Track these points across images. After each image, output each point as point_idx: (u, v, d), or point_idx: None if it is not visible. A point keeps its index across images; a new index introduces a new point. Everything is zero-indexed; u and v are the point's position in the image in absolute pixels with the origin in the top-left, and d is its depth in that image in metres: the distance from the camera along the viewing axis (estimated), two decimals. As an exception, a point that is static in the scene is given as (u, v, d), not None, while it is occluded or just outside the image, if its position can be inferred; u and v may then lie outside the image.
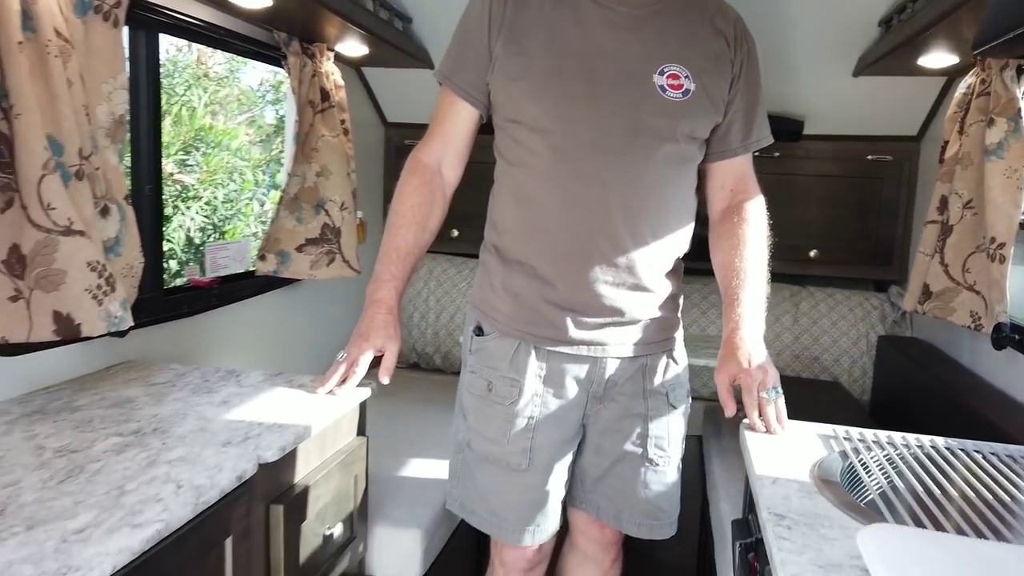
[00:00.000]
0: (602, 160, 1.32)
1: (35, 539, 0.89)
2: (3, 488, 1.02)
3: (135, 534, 0.92)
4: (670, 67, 1.33)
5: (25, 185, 1.26)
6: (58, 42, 1.30)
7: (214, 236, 4.04)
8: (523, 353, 1.40)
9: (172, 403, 1.43)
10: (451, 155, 1.46)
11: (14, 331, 1.29)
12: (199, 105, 3.97)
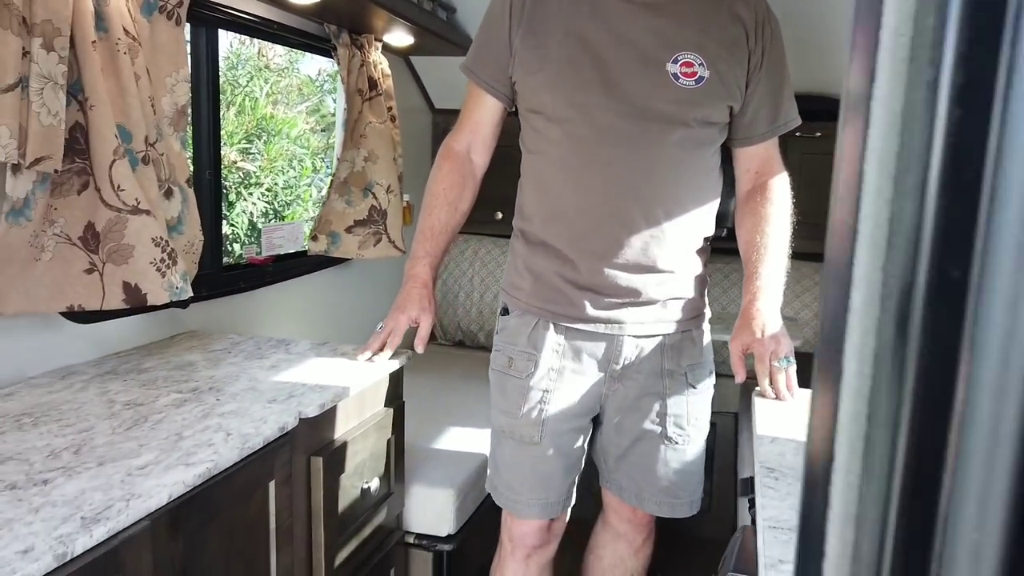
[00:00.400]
0: (615, 147, 1.36)
1: (104, 473, 1.04)
2: (79, 433, 1.18)
3: (189, 471, 1.06)
4: (684, 55, 1.35)
5: (98, 169, 1.42)
6: (127, 40, 1.45)
7: (274, 221, 4.24)
8: (541, 329, 1.46)
9: (227, 367, 1.58)
10: (479, 143, 1.55)
11: (89, 300, 1.45)
12: (261, 95, 4.18)
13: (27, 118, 1.29)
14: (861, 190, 0.28)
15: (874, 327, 0.28)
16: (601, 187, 1.38)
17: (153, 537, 0.98)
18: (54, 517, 0.91)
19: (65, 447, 1.12)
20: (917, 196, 0.27)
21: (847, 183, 0.28)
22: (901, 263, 0.27)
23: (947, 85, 0.26)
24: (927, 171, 0.27)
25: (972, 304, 0.26)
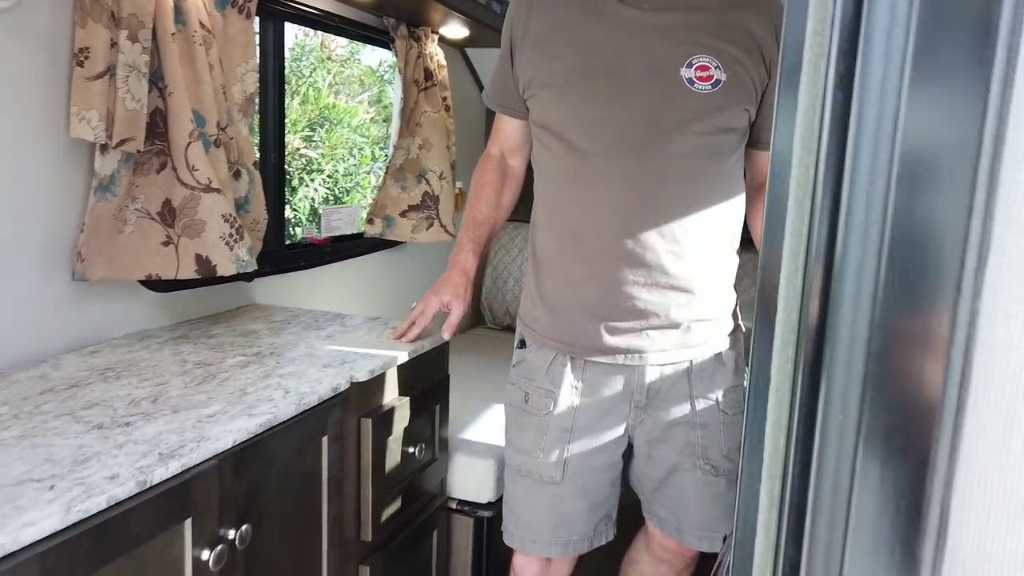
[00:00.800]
0: (626, 161, 1.30)
1: (178, 419, 1.17)
2: (156, 385, 1.31)
3: (251, 420, 1.18)
4: (699, 58, 1.28)
5: (175, 150, 1.55)
6: (202, 32, 1.58)
7: (335, 205, 4.41)
8: (559, 364, 1.40)
9: (287, 335, 1.70)
10: (510, 151, 1.57)
11: (165, 270, 1.59)
12: (323, 85, 4.35)
13: (114, 103, 1.43)
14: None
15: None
16: (612, 204, 1.31)
17: (219, 475, 1.10)
18: (135, 452, 1.04)
19: (144, 397, 1.25)
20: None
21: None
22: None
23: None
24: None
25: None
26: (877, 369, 0.31)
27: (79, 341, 1.53)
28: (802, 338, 0.37)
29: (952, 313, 0.32)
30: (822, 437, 0.32)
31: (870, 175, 0.37)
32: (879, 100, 0.36)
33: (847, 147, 0.39)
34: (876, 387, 0.31)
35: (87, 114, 1.40)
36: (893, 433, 0.30)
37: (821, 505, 0.31)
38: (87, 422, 1.14)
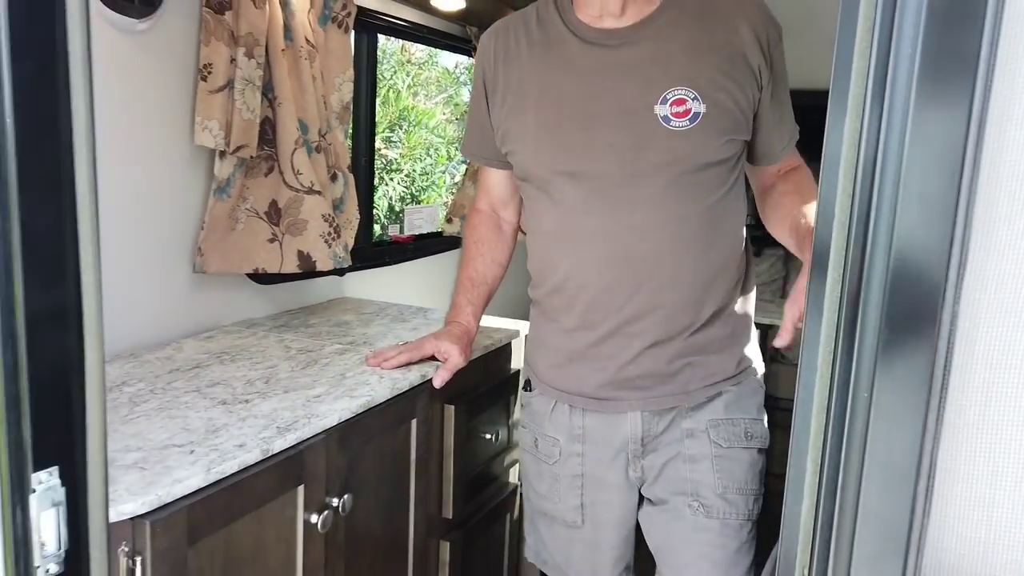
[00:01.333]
0: (604, 211, 1.23)
1: (289, 398, 1.31)
2: (267, 368, 1.47)
3: (352, 401, 1.32)
4: (675, 91, 1.19)
5: (282, 156, 1.71)
6: (307, 47, 1.73)
7: (411, 204, 4.59)
8: (559, 412, 1.36)
9: (376, 326, 1.85)
10: (500, 203, 1.50)
11: (270, 264, 1.75)
12: (403, 88, 4.52)
13: (231, 113, 1.59)
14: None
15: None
16: (594, 257, 1.25)
17: (327, 448, 1.24)
18: (256, 425, 1.18)
19: (257, 378, 1.41)
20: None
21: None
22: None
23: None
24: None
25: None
26: (885, 357, 0.40)
27: (196, 327, 1.71)
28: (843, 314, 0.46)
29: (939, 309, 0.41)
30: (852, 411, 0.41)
31: (894, 176, 0.45)
32: (897, 123, 0.45)
33: (877, 156, 0.47)
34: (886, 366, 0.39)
35: (209, 123, 1.57)
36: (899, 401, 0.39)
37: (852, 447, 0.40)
38: (212, 398, 1.29)
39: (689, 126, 1.19)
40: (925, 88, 0.42)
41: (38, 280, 0.77)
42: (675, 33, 1.21)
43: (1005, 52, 0.39)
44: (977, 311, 0.38)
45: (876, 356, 0.42)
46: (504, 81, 1.31)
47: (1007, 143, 0.40)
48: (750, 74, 1.21)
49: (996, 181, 0.41)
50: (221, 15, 1.55)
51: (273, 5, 1.62)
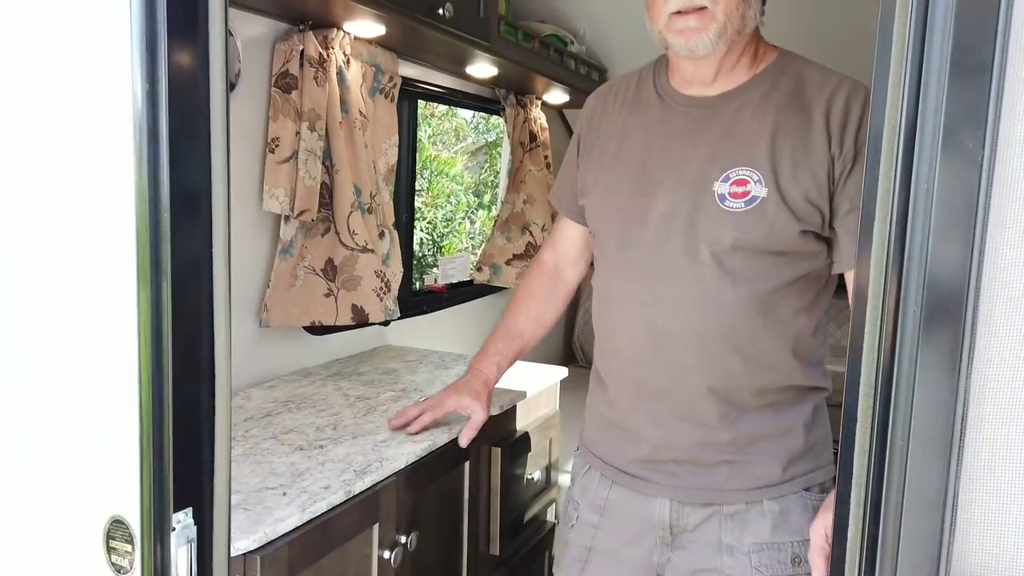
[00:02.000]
0: (644, 280, 1.21)
1: (359, 444, 1.44)
2: (331, 416, 1.59)
3: (416, 446, 1.44)
4: (738, 171, 1.15)
5: (339, 218, 1.86)
6: (360, 119, 1.90)
7: (433, 250, 4.76)
8: (589, 478, 1.33)
9: (423, 373, 1.97)
10: (564, 260, 1.49)
11: (326, 317, 1.89)
12: (425, 139, 4.72)
13: (295, 181, 1.75)
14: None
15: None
16: (626, 325, 1.24)
17: (396, 489, 1.36)
18: (335, 469, 1.31)
19: (326, 424, 1.53)
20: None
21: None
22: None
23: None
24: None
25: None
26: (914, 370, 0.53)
27: (260, 377, 1.84)
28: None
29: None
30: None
31: (922, 225, 0.58)
32: (924, 172, 0.58)
33: (909, 202, 0.59)
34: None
35: (276, 191, 1.72)
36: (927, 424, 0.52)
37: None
38: (289, 444, 1.42)
39: (743, 208, 1.14)
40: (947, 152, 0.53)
41: (184, 347, 0.90)
42: (757, 110, 1.18)
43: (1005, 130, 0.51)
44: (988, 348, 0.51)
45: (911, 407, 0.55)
46: (594, 137, 1.34)
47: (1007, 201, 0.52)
48: (825, 164, 1.13)
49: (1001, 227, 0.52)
50: (288, 94, 1.72)
51: (332, 83, 1.79)
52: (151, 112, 0.86)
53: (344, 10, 1.66)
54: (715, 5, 1.11)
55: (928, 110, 0.53)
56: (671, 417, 1.21)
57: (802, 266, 1.17)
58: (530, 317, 1.51)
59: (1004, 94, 0.49)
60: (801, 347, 1.20)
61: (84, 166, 0.89)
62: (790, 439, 1.21)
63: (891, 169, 0.60)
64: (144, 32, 0.85)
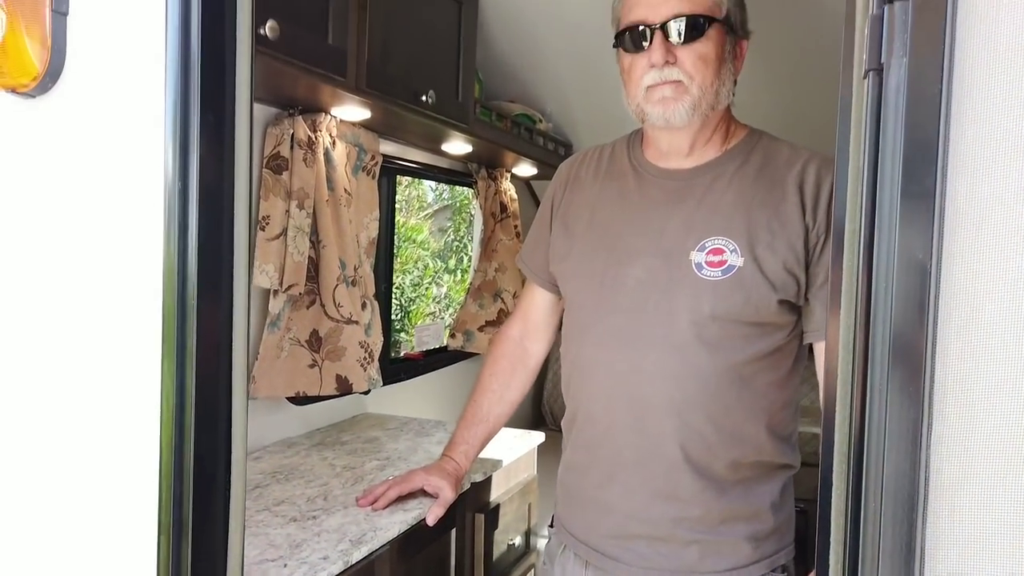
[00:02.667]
0: (620, 348, 1.22)
1: (351, 514, 1.48)
2: (320, 486, 1.63)
3: (406, 515, 1.49)
4: (714, 240, 1.17)
5: (324, 291, 1.93)
6: (345, 195, 1.98)
7: (401, 316, 4.82)
8: (566, 558, 1.33)
9: (404, 441, 2.02)
10: (531, 331, 1.50)
11: (311, 388, 1.94)
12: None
13: (284, 257, 1.82)
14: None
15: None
16: (603, 393, 1.25)
17: (390, 557, 1.40)
18: (331, 539, 1.35)
19: (316, 495, 1.57)
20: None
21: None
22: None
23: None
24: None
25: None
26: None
27: (245, 448, 1.86)
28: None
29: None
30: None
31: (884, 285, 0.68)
32: (885, 243, 0.67)
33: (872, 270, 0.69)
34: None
35: (266, 267, 1.79)
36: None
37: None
38: (283, 516, 1.45)
39: (720, 278, 1.16)
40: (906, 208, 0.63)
41: (205, 425, 0.96)
42: (731, 183, 1.21)
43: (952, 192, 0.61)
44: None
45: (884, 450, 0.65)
46: (566, 205, 1.36)
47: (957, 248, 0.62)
48: (799, 233, 1.17)
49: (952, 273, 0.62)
50: (279, 175, 1.80)
51: (319, 163, 1.88)
52: (182, 203, 0.94)
53: (333, 97, 1.77)
54: (690, 80, 1.17)
55: (883, 230, 0.64)
56: (645, 489, 1.21)
57: (777, 337, 1.19)
58: (494, 400, 1.51)
59: (946, 213, 0.61)
60: (774, 421, 1.22)
61: (117, 252, 0.95)
62: (759, 519, 1.22)
63: (854, 275, 0.69)
64: (178, 131, 0.93)
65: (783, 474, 1.26)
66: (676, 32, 1.16)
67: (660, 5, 1.17)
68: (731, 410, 1.19)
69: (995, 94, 0.60)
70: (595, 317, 1.27)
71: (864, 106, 0.69)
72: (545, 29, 2.47)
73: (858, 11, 0.73)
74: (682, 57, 1.17)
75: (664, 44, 1.17)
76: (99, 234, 0.96)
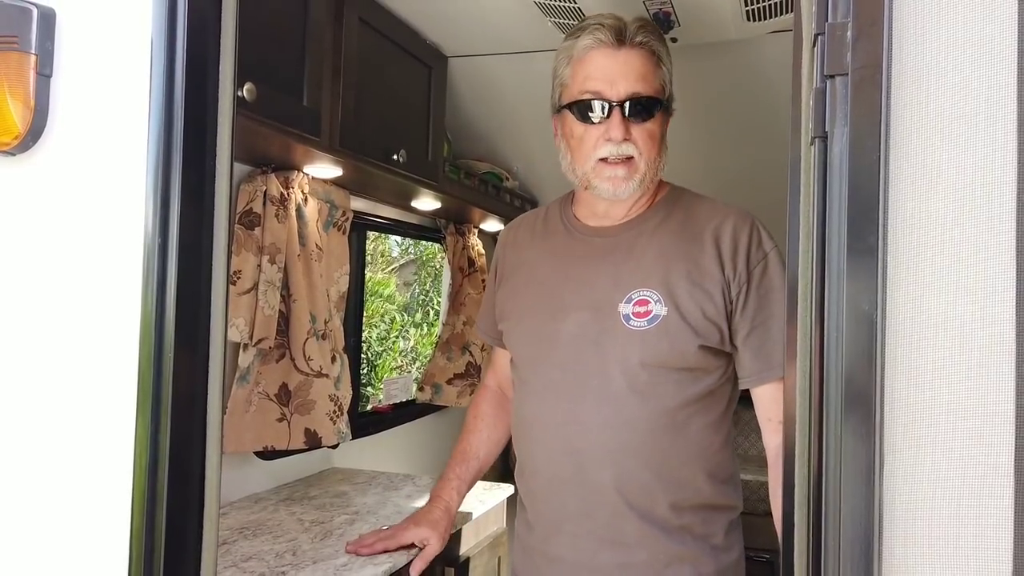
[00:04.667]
0: (559, 401, 1.27)
1: (320, 569, 1.47)
2: (288, 541, 1.62)
3: (377, 568, 1.48)
4: (640, 292, 1.24)
5: (294, 345, 1.93)
6: (316, 250, 2.01)
7: (367, 370, 4.79)
8: None
9: (373, 495, 2.01)
10: (505, 382, 1.55)
11: (279, 442, 1.93)
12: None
13: (255, 311, 1.83)
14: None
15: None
16: (545, 447, 1.29)
17: (361, 614, 1.39)
18: (301, 595, 1.34)
19: (284, 551, 1.56)
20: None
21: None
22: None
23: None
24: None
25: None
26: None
27: (211, 505, 1.84)
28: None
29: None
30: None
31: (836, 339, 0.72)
32: (835, 296, 0.72)
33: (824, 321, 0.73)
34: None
35: (236, 321, 1.79)
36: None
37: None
38: (251, 572, 1.44)
39: (646, 327, 1.22)
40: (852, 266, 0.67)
41: (178, 480, 0.96)
42: (653, 237, 1.29)
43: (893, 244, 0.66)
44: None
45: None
46: (508, 267, 1.44)
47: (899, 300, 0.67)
48: (719, 285, 1.23)
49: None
50: (251, 231, 1.82)
51: (291, 219, 1.91)
52: (161, 261, 0.96)
53: (306, 155, 1.81)
54: (640, 157, 1.25)
55: (832, 284, 0.69)
56: (591, 539, 1.25)
57: (707, 382, 1.25)
58: (482, 438, 1.57)
59: (888, 267, 0.66)
60: (711, 464, 1.26)
61: (95, 306, 0.97)
62: (704, 561, 1.25)
63: (808, 326, 0.74)
64: (159, 189, 0.96)
65: (726, 515, 1.29)
66: (632, 111, 1.24)
67: (619, 83, 1.24)
68: (667, 455, 1.23)
69: (929, 157, 0.66)
70: (534, 371, 1.33)
71: (812, 170, 0.75)
72: (512, 94, 2.56)
73: (804, 84, 0.80)
74: (636, 134, 1.25)
75: (623, 122, 1.24)
76: (78, 289, 0.97)
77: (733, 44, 2.09)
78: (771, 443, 1.27)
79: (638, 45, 1.26)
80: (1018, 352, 0.62)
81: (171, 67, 0.97)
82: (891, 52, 0.65)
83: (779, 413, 1.22)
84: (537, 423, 1.31)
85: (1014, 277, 0.63)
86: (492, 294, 1.49)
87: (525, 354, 1.35)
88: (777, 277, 1.25)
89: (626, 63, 1.25)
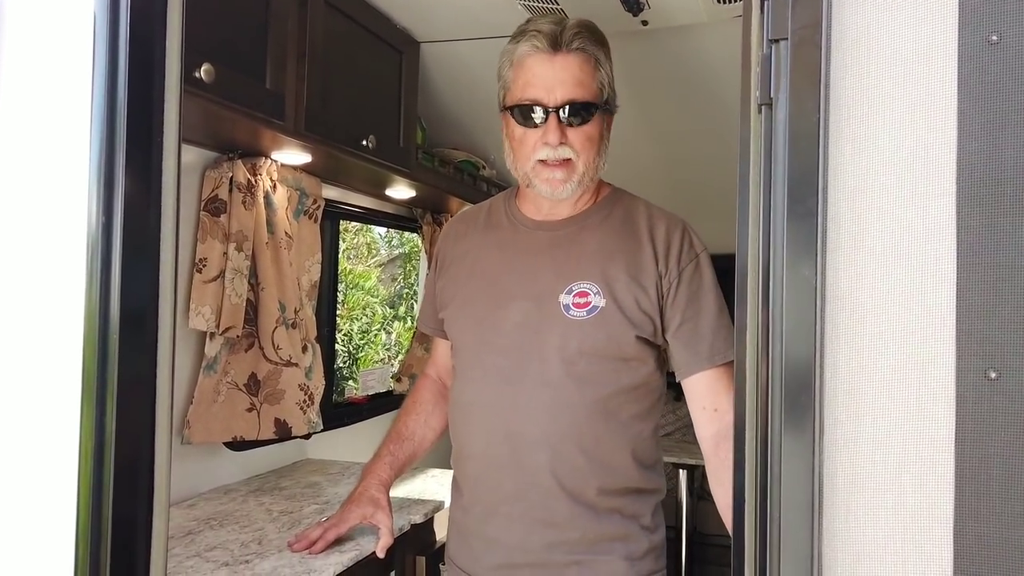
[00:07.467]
0: (498, 386, 1.30)
1: (285, 556, 1.45)
2: (255, 531, 1.60)
3: (343, 555, 1.46)
4: (580, 284, 1.29)
5: (263, 334, 1.91)
6: (285, 239, 1.99)
7: (349, 363, 4.76)
8: None
9: (346, 485, 1.99)
10: (445, 372, 1.57)
11: (249, 432, 1.90)
12: (340, 253, 4.84)
13: (222, 299, 1.80)
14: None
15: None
16: (483, 431, 1.32)
17: (325, 601, 1.37)
18: (263, 583, 1.32)
19: (250, 540, 1.54)
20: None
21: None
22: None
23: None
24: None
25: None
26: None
27: (179, 496, 1.82)
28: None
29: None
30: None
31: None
32: (780, 263, 0.72)
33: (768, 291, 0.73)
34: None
35: (202, 309, 1.77)
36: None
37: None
38: (215, 561, 1.42)
39: (585, 317, 1.27)
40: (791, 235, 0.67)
41: (126, 466, 0.94)
42: (595, 233, 1.34)
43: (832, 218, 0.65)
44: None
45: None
46: (451, 257, 1.46)
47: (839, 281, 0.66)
48: (654, 280, 1.29)
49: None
50: (217, 217, 1.80)
51: (259, 206, 1.88)
52: (105, 241, 0.93)
53: (273, 141, 1.78)
54: (578, 158, 1.29)
55: (776, 253, 0.68)
56: (525, 519, 1.29)
57: (641, 372, 1.31)
58: (419, 422, 1.56)
59: (828, 231, 0.65)
60: (639, 450, 1.32)
61: (38, 287, 0.94)
62: (633, 540, 1.31)
63: (756, 298, 0.74)
64: (103, 168, 0.93)
65: (651, 498, 1.35)
66: (568, 116, 1.28)
67: (556, 89, 1.27)
68: (600, 440, 1.29)
69: (871, 121, 0.65)
70: (475, 358, 1.36)
71: (759, 138, 0.74)
72: (487, 82, 2.52)
73: (753, 51, 0.79)
74: (572, 138, 1.29)
75: (559, 127, 1.28)
76: (19, 269, 0.95)
77: (705, 27, 2.08)
78: (705, 433, 1.32)
79: (575, 50, 1.29)
80: (958, 318, 0.61)
81: (114, 42, 0.94)
82: (831, 13, 0.63)
83: (712, 401, 1.30)
84: (476, 407, 1.34)
85: (954, 245, 0.62)
86: (432, 284, 1.51)
87: (467, 340, 1.38)
88: (707, 277, 1.32)
89: (563, 68, 1.28)
